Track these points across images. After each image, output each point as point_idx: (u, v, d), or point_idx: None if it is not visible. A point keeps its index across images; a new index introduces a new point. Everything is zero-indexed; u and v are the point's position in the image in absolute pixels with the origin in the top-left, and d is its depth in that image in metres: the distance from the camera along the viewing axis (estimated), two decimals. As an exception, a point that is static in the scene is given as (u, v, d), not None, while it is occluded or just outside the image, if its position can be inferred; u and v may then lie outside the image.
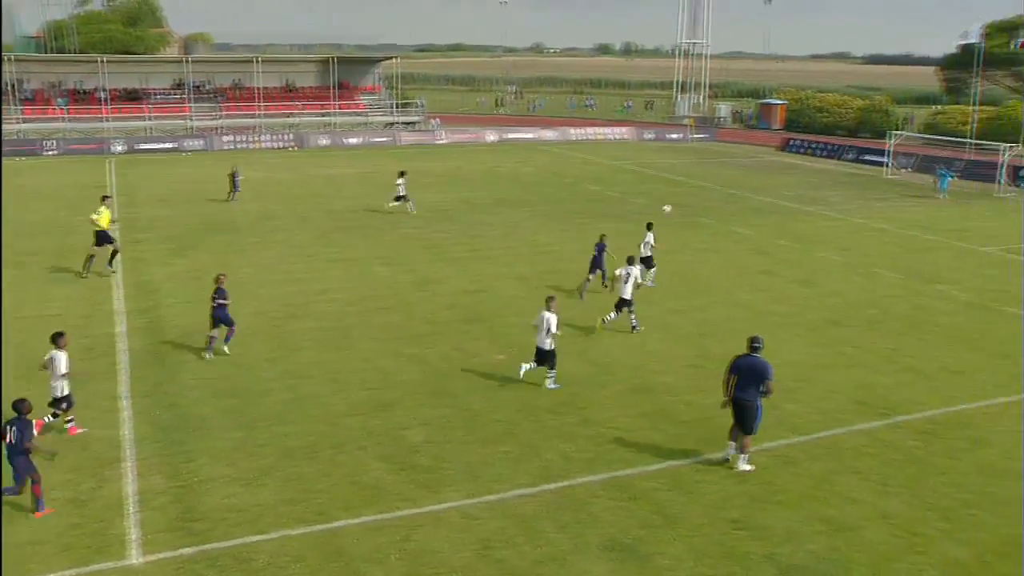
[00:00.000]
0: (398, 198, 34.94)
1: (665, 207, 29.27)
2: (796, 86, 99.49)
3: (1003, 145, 47.72)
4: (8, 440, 11.99)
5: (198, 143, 57.12)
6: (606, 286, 23.24)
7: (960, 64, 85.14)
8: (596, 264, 23.43)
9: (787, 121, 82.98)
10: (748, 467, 13.84)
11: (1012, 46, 60.81)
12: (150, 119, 60.44)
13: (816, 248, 30.19)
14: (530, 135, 68.68)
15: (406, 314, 21.72)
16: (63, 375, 14.34)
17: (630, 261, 20.48)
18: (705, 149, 66.17)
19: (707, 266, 27.39)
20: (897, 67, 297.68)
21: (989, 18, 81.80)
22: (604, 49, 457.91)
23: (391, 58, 75.78)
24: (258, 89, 63.60)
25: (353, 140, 62.22)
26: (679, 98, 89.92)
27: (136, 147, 55.18)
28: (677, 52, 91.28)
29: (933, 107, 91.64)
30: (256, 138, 59.73)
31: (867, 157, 58.39)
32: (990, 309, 23.29)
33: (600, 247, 23.51)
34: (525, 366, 17.08)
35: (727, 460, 14.00)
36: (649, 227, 24.77)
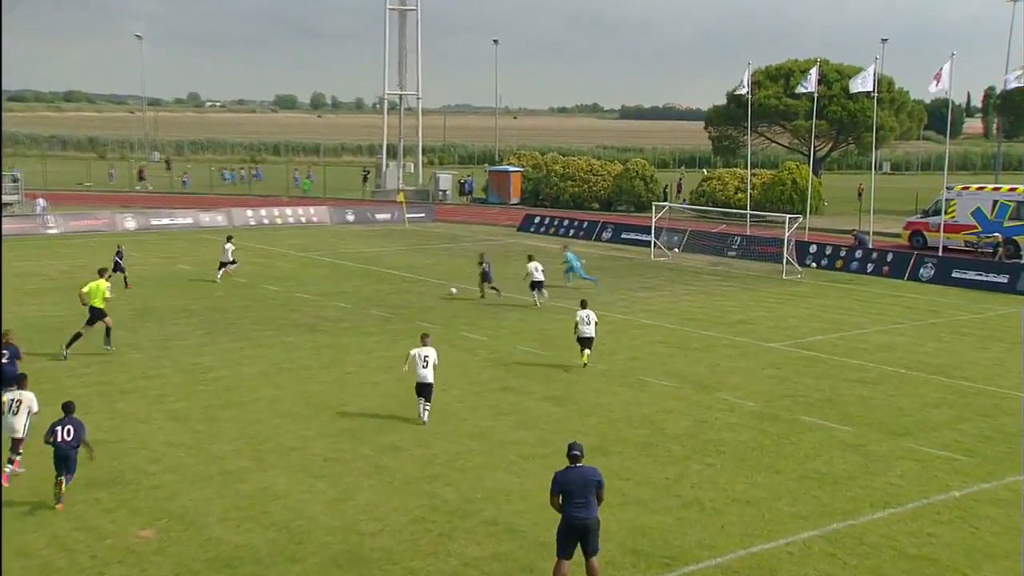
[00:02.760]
0: (224, 263, 44.09)
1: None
2: (537, 148, 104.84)
3: (787, 217, 51.72)
4: (61, 438, 18.34)
5: None
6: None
7: (729, 118, 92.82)
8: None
9: (525, 193, 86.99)
10: None
11: (798, 89, 67.62)
12: None
13: (571, 354, 31.40)
14: (186, 220, 67.93)
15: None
16: (35, 413, 19.88)
17: (583, 305, 30.15)
18: (422, 232, 67.96)
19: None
20: (659, 122, 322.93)
21: (759, 64, 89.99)
22: (287, 102, 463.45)
23: (-38, 110, 72.41)
24: None
25: (-100, 232, 58.53)
26: (387, 167, 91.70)
27: None
28: (383, 106, 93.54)
29: (703, 171, 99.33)
30: None
31: (628, 235, 62.19)
32: (781, 419, 25.08)
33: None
34: (423, 411, 23.85)
35: None
36: (531, 258, 39.93)
